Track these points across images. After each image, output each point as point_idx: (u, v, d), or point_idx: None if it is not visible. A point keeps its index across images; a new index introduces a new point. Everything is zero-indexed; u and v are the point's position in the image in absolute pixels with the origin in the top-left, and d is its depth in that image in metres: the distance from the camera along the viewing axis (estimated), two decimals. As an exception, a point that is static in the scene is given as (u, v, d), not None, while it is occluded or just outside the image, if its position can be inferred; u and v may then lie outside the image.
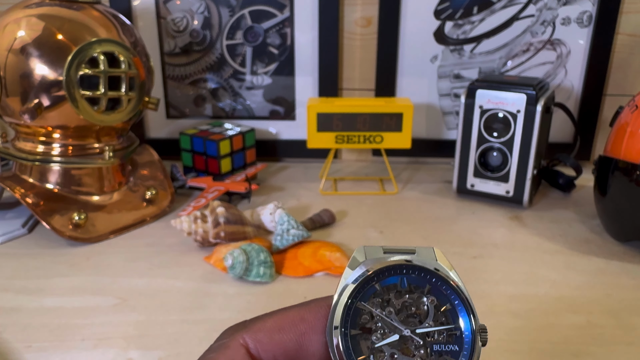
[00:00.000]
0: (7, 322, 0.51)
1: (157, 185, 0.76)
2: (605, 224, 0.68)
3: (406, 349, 0.22)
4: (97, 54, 0.64)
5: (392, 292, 0.23)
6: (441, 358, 0.22)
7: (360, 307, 0.22)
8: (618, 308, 0.53)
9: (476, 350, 0.22)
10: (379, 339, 0.22)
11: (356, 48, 0.92)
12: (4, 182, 0.66)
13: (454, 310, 0.23)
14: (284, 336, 0.22)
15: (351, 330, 0.22)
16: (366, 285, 0.22)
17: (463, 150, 0.77)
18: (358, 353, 0.22)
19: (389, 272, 0.23)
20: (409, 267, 0.23)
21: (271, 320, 0.23)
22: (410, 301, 0.23)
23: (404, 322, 0.22)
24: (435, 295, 0.23)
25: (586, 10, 0.87)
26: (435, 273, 0.23)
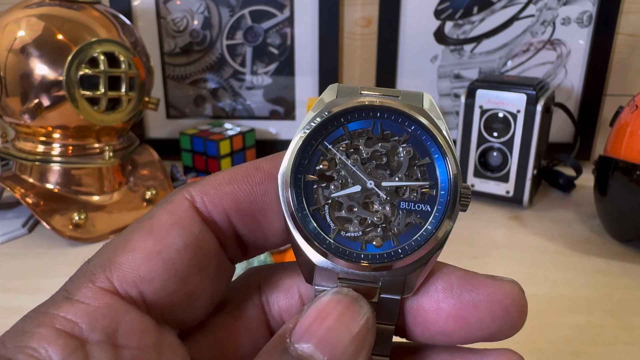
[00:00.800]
0: (7, 322, 0.50)
1: (157, 185, 0.76)
2: (605, 224, 0.68)
3: (369, 203, 0.19)
4: (97, 54, 0.64)
5: (362, 138, 0.19)
6: (408, 218, 0.19)
7: (320, 149, 0.19)
8: (618, 308, 0.53)
9: (449, 214, 0.19)
10: (338, 188, 0.19)
11: (356, 48, 0.92)
12: (4, 182, 0.66)
13: (432, 166, 0.19)
14: (235, 186, 0.19)
15: (306, 175, 0.19)
16: (330, 127, 0.19)
17: (463, 150, 0.77)
18: (311, 202, 0.19)
19: (359, 114, 0.19)
20: (384, 110, 0.19)
21: (222, 174, 0.20)
22: (382, 150, 0.19)
23: (371, 173, 0.19)
24: (413, 145, 0.19)
25: (586, 10, 0.87)
26: (416, 119, 0.19)
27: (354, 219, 0.19)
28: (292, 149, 0.19)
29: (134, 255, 0.18)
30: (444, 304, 0.19)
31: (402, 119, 0.19)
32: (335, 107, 0.19)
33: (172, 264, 0.18)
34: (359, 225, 0.19)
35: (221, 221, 0.20)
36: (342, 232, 0.19)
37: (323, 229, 0.19)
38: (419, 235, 0.19)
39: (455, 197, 0.19)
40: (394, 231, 0.19)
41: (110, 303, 0.17)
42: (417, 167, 0.19)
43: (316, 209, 0.19)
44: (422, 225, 0.19)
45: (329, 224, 0.19)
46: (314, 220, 0.19)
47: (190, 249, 0.18)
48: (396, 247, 0.19)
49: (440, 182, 0.19)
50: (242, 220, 0.20)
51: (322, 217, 0.19)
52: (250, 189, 0.19)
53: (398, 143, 0.19)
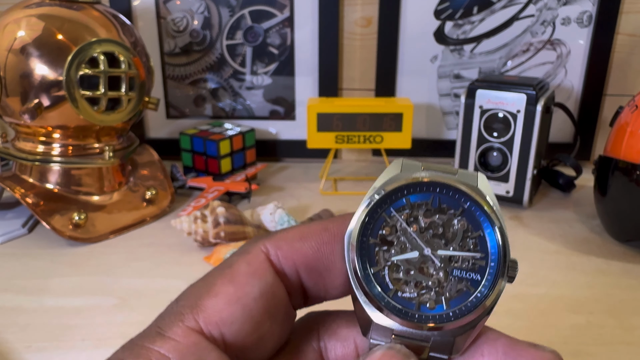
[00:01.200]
0: (7, 322, 0.51)
1: (157, 185, 0.76)
2: (605, 224, 0.68)
3: (424, 268, 0.21)
4: (97, 54, 0.64)
5: (421, 209, 0.21)
6: (460, 284, 0.21)
7: (384, 217, 0.21)
8: (618, 308, 0.53)
9: (497, 284, 0.21)
10: (398, 252, 0.21)
11: (356, 48, 0.92)
12: (4, 182, 0.66)
13: (483, 239, 0.21)
14: (305, 244, 0.22)
15: (370, 239, 0.21)
16: (394, 197, 0.21)
17: (463, 150, 0.77)
18: (373, 263, 0.21)
19: (420, 188, 0.21)
20: (443, 186, 0.21)
21: (294, 230, 0.23)
22: (439, 221, 0.21)
23: (428, 241, 0.21)
24: (468, 219, 0.21)
25: (586, 10, 0.87)
26: (470, 196, 0.21)
27: (410, 281, 0.21)
28: (359, 215, 0.21)
29: (217, 300, 0.20)
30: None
31: (458, 195, 0.21)
32: (400, 181, 0.21)
33: (249, 309, 0.21)
34: (414, 287, 0.21)
35: (290, 274, 0.22)
36: (399, 292, 0.21)
37: (382, 289, 0.21)
38: (469, 302, 0.21)
39: (504, 269, 0.21)
40: (446, 295, 0.21)
41: (197, 341, 0.20)
42: (470, 239, 0.21)
43: (377, 270, 0.21)
44: (472, 292, 0.21)
45: (387, 284, 0.21)
46: (374, 280, 0.21)
47: (265, 297, 0.21)
48: (447, 310, 0.21)
49: (490, 254, 0.21)
50: (309, 275, 0.22)
51: (382, 277, 0.21)
52: (318, 247, 0.22)
53: (454, 216, 0.21)
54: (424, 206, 0.21)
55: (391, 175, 0.22)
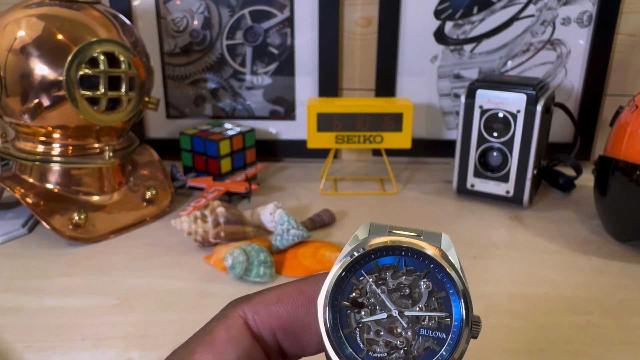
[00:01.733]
0: (7, 322, 0.51)
1: (157, 185, 0.76)
2: (605, 224, 0.68)
3: (393, 328, 0.22)
4: (97, 54, 0.64)
5: (389, 271, 0.23)
6: (427, 342, 0.22)
7: (354, 281, 0.22)
8: (618, 308, 0.53)
9: (461, 342, 0.22)
10: (368, 314, 0.22)
11: (356, 48, 0.92)
12: (4, 182, 0.66)
13: (447, 299, 0.22)
14: (281, 308, 0.23)
15: (341, 301, 0.22)
16: (363, 261, 0.23)
17: (463, 150, 0.77)
18: (344, 325, 0.22)
19: (387, 252, 0.23)
20: (408, 249, 0.23)
21: (270, 294, 0.24)
22: (406, 283, 0.23)
23: (396, 302, 0.22)
24: (432, 280, 0.23)
25: (586, 10, 0.87)
26: (433, 258, 0.22)
27: (380, 341, 0.22)
28: (330, 279, 0.22)
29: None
30: None
31: (422, 257, 0.22)
32: (368, 245, 0.23)
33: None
34: (384, 347, 0.22)
35: (268, 337, 0.23)
36: (370, 352, 0.22)
37: (354, 349, 0.22)
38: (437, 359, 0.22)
39: (467, 328, 0.22)
40: (414, 354, 0.22)
41: None
42: (435, 299, 0.22)
43: (349, 331, 0.22)
44: (438, 350, 0.22)
45: (359, 344, 0.22)
46: (346, 341, 0.22)
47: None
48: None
49: (454, 313, 0.22)
50: (285, 336, 0.23)
51: (354, 338, 0.22)
52: (294, 310, 0.23)
53: (419, 278, 0.23)
54: (392, 268, 0.23)
55: (360, 239, 0.23)
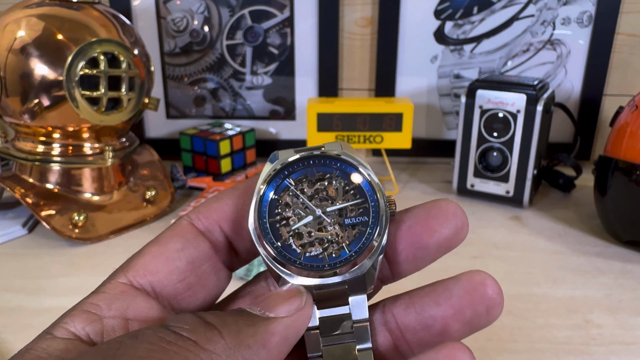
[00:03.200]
0: (7, 322, 0.51)
1: (157, 185, 0.76)
2: (605, 224, 0.68)
3: (322, 227, 0.24)
4: (97, 54, 0.64)
5: (304, 183, 0.25)
6: (354, 229, 0.24)
7: (275, 199, 0.25)
8: (618, 308, 0.53)
9: (382, 217, 0.24)
10: (296, 222, 0.24)
11: (356, 48, 0.92)
12: (4, 182, 0.66)
13: (360, 187, 0.25)
14: (221, 202, 0.25)
15: (269, 220, 0.24)
16: (279, 179, 0.25)
17: (463, 150, 0.77)
18: (279, 238, 0.24)
19: (297, 166, 0.25)
20: (314, 158, 0.25)
21: (210, 198, 0.26)
22: (321, 187, 0.25)
23: (318, 205, 0.25)
24: (343, 177, 0.25)
25: (586, 10, 0.87)
26: (339, 158, 0.25)
27: (314, 241, 0.24)
28: (254, 204, 0.24)
29: (144, 258, 0.24)
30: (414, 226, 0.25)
31: (329, 160, 0.25)
32: (279, 166, 0.25)
33: (172, 260, 0.24)
34: (318, 245, 0.24)
35: (213, 230, 0.25)
36: (307, 253, 0.24)
37: (293, 255, 0.24)
38: (365, 238, 0.24)
39: (383, 203, 0.24)
40: (346, 242, 0.24)
41: (124, 290, 0.23)
42: (349, 191, 0.25)
43: (283, 241, 0.24)
44: (365, 231, 0.24)
45: (295, 250, 0.24)
46: (285, 251, 0.24)
47: (187, 250, 0.24)
48: (350, 252, 0.24)
49: (368, 197, 0.25)
50: (232, 228, 0.25)
51: (289, 246, 0.24)
52: (233, 202, 0.25)
53: (331, 178, 0.25)
54: (306, 179, 0.25)
55: (271, 165, 0.25)
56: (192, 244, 0.24)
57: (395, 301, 0.25)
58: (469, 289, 0.24)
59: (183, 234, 0.24)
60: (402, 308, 0.25)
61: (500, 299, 0.24)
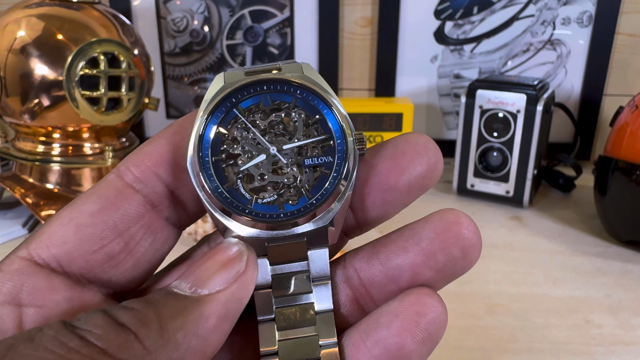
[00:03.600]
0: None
1: (157, 185, 0.76)
2: (605, 224, 0.68)
3: (277, 169, 0.20)
4: (97, 54, 0.64)
5: (257, 112, 0.21)
6: (315, 172, 0.20)
7: (220, 132, 0.20)
8: (618, 308, 0.53)
9: (349, 157, 0.20)
10: (245, 162, 0.20)
11: (356, 48, 0.92)
12: (4, 182, 0.66)
13: (324, 121, 0.21)
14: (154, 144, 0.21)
15: (212, 158, 0.20)
16: (225, 108, 0.20)
17: (463, 150, 0.77)
18: (223, 180, 0.20)
19: (248, 92, 0.21)
20: (269, 82, 0.21)
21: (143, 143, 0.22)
22: (277, 119, 0.21)
23: (273, 142, 0.20)
24: (303, 108, 0.21)
25: (586, 10, 0.87)
26: (300, 85, 0.21)
27: (267, 185, 0.20)
28: (193, 138, 0.20)
29: (50, 225, 0.20)
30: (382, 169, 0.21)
31: (287, 86, 0.21)
32: (225, 91, 0.20)
33: (85, 226, 0.19)
34: (273, 190, 0.20)
35: (148, 180, 0.20)
36: (259, 200, 0.20)
37: (241, 202, 0.20)
38: (329, 183, 0.20)
39: (351, 142, 0.20)
40: (305, 187, 0.20)
41: (19, 268, 0.19)
42: (311, 126, 0.21)
43: (229, 185, 0.20)
44: (328, 175, 0.20)
45: (244, 196, 0.20)
46: (231, 195, 0.20)
47: (105, 212, 0.20)
48: (311, 200, 0.20)
49: (334, 132, 0.20)
50: (171, 173, 0.21)
51: (237, 191, 0.20)
52: (170, 141, 0.21)
53: (289, 109, 0.21)
54: (258, 109, 0.21)
55: (215, 89, 0.21)
56: (114, 202, 0.20)
57: (357, 253, 0.22)
58: (441, 230, 0.20)
59: (103, 191, 0.20)
60: (364, 260, 0.21)
61: (477, 239, 0.20)
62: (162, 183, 0.21)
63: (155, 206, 0.21)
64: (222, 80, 0.21)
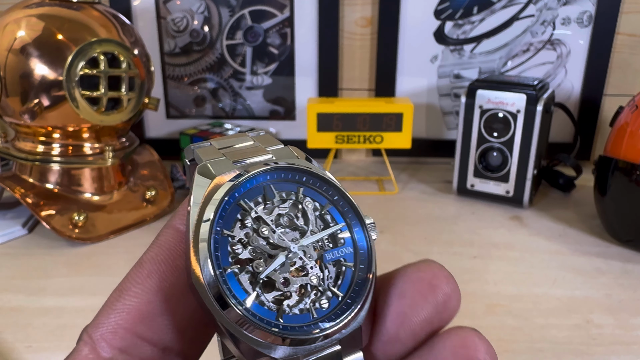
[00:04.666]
0: (7, 322, 0.50)
1: (157, 185, 0.76)
2: (605, 224, 0.68)
3: (299, 269, 0.17)
4: (97, 54, 0.64)
5: (258, 206, 0.18)
6: (337, 267, 0.18)
7: (226, 235, 0.17)
8: (618, 308, 0.53)
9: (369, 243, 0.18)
10: (262, 266, 0.17)
11: (356, 48, 0.92)
12: (4, 182, 0.66)
13: (334, 208, 0.18)
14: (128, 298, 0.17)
15: (225, 268, 0.16)
16: (224, 214, 0.17)
17: (463, 150, 0.77)
18: (242, 294, 0.16)
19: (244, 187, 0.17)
20: (270, 173, 0.18)
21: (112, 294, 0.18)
22: (282, 212, 0.18)
23: (286, 236, 0.18)
24: (310, 196, 0.18)
25: (586, 10, 0.87)
26: (306, 171, 0.18)
27: (291, 292, 0.17)
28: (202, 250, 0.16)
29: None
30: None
31: (292, 173, 0.18)
32: (219, 193, 0.17)
33: None
34: (298, 295, 0.17)
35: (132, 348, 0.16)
36: (288, 313, 0.17)
37: (267, 317, 0.16)
38: (357, 277, 0.18)
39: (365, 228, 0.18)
40: (331, 286, 0.18)
41: None
42: (322, 214, 0.18)
43: (255, 300, 0.17)
44: (351, 267, 0.18)
45: (270, 307, 0.17)
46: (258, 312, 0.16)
47: None
48: (343, 299, 0.17)
49: (350, 220, 0.18)
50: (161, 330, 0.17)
51: (262, 305, 0.17)
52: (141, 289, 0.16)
53: (296, 199, 0.18)
54: (261, 203, 0.18)
55: (203, 189, 0.17)
56: None
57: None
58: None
59: None
60: None
61: None
62: (150, 346, 0.16)
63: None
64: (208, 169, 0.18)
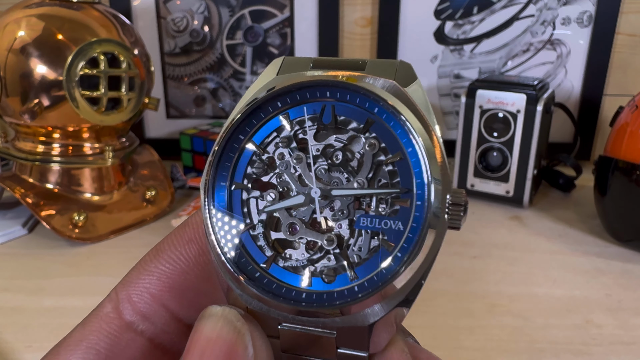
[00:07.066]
0: (7, 322, 0.50)
1: (157, 185, 0.76)
2: (605, 224, 0.68)
3: (316, 221, 0.13)
4: (97, 54, 0.64)
5: (308, 128, 0.14)
6: (373, 240, 0.13)
7: (251, 147, 0.14)
8: (618, 308, 0.53)
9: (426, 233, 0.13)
10: (274, 199, 0.13)
11: (356, 48, 0.92)
12: (4, 182, 0.66)
13: (405, 164, 0.13)
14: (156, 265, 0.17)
15: (233, 183, 0.13)
16: (264, 115, 0.13)
17: (463, 150, 0.77)
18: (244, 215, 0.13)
19: (302, 96, 0.13)
20: (337, 88, 0.13)
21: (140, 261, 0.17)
22: (337, 145, 0.14)
23: (322, 177, 0.13)
24: (379, 135, 0.13)
25: (586, 10, 0.87)
26: (381, 98, 0.13)
27: (297, 241, 0.14)
28: (214, 150, 0.14)
29: None
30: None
31: (361, 99, 0.13)
32: (276, 88, 0.13)
33: None
34: (304, 250, 0.14)
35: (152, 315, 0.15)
36: (280, 260, 0.14)
37: (254, 256, 0.13)
38: (389, 264, 0.13)
39: (438, 209, 0.13)
40: (352, 259, 0.13)
41: None
42: (384, 166, 0.14)
43: (247, 229, 0.14)
44: (390, 250, 0.13)
45: (262, 248, 0.14)
46: (241, 244, 0.13)
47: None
48: (352, 284, 0.13)
49: (416, 187, 0.13)
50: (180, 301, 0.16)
51: (254, 238, 0.14)
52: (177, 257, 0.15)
53: (358, 133, 0.14)
54: (313, 122, 0.13)
55: (265, 82, 0.14)
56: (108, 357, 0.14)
57: None
58: None
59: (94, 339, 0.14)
60: None
61: None
62: (169, 315, 0.15)
63: (168, 350, 0.15)
64: (274, 71, 0.14)
